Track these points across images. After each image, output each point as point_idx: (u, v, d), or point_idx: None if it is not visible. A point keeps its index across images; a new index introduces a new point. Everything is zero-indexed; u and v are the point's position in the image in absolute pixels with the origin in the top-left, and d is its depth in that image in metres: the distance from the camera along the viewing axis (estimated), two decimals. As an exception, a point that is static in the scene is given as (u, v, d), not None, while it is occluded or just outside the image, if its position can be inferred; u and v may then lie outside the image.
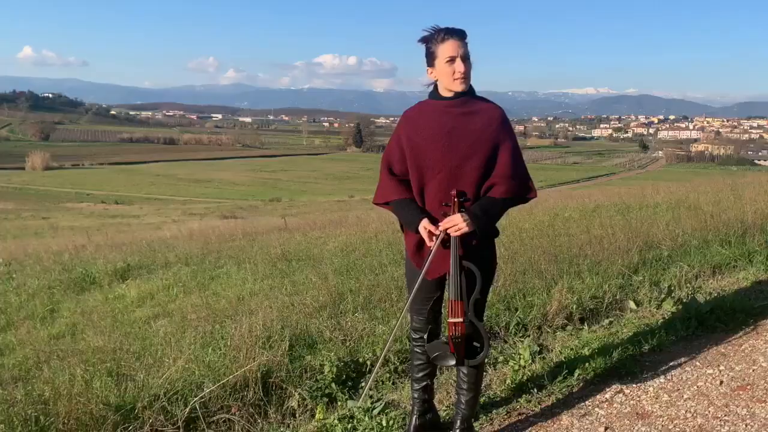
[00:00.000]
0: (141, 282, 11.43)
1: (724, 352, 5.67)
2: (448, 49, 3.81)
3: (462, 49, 3.80)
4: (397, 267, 8.31)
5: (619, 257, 8.08)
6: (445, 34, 3.82)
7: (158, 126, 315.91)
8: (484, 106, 3.93)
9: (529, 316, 6.22)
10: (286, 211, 49.23)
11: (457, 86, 3.85)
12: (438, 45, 3.84)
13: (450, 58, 3.80)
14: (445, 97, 3.92)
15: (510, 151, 3.87)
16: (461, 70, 3.80)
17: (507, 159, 3.85)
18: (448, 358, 3.97)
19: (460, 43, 3.81)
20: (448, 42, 3.81)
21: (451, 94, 3.89)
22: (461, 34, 3.83)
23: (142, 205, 79.26)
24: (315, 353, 5.39)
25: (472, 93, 3.94)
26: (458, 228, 3.76)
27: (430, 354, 4.04)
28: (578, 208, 15.74)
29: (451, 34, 3.81)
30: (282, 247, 12.51)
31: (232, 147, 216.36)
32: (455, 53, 3.79)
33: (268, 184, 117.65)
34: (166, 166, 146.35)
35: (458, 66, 3.79)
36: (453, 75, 3.82)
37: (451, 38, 3.81)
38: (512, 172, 3.85)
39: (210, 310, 7.59)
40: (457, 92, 3.87)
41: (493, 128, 3.86)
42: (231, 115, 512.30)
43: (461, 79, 3.82)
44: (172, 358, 5.09)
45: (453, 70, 3.81)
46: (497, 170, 3.85)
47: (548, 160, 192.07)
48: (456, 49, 3.80)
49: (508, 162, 3.85)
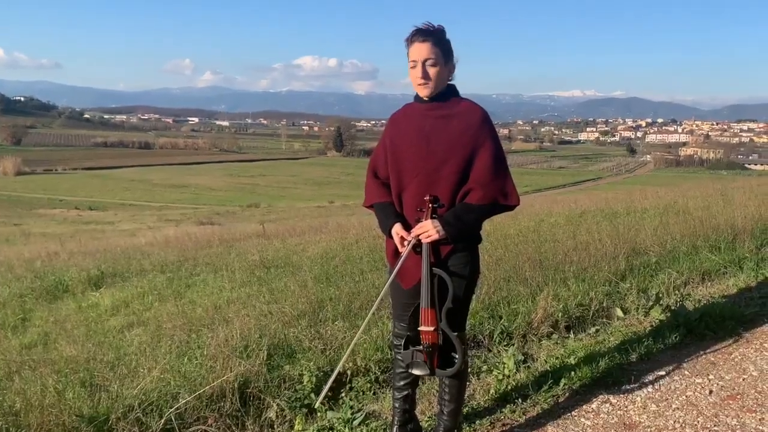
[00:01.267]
0: (115, 290, 11.39)
1: (714, 361, 5.67)
2: (412, 53, 3.76)
3: (426, 53, 3.72)
4: (379, 274, 8.31)
5: (605, 264, 8.09)
6: (413, 37, 3.76)
7: (133, 130, 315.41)
8: (464, 108, 3.86)
9: (514, 324, 6.20)
10: (265, 217, 49.10)
11: (420, 92, 3.83)
12: (408, 47, 3.79)
13: (412, 62, 3.76)
14: (424, 100, 3.87)
15: (489, 154, 3.79)
16: (418, 75, 3.74)
17: (485, 163, 3.77)
18: (421, 367, 3.94)
19: (423, 47, 3.72)
20: (413, 45, 3.75)
21: (428, 97, 3.86)
22: (427, 35, 3.74)
23: (116, 211, 79.07)
24: (294, 363, 5.36)
25: (454, 93, 3.90)
26: (428, 234, 3.72)
27: (405, 361, 4.00)
28: (564, 213, 15.81)
29: (417, 37, 3.75)
30: (260, 254, 12.51)
31: (209, 151, 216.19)
32: (416, 57, 3.73)
33: (246, 189, 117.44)
34: (142, 171, 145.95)
35: (416, 72, 3.75)
36: (415, 81, 3.79)
37: (416, 41, 3.74)
38: (489, 178, 3.77)
39: (186, 318, 7.55)
40: (424, 97, 3.84)
41: (472, 131, 3.79)
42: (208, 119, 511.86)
43: (421, 85, 3.78)
44: (147, 368, 5.06)
45: (415, 76, 3.78)
46: (473, 175, 3.78)
47: (533, 165, 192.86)
48: (418, 53, 3.73)
49: (485, 166, 3.77)
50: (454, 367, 3.89)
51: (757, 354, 5.78)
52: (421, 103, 3.89)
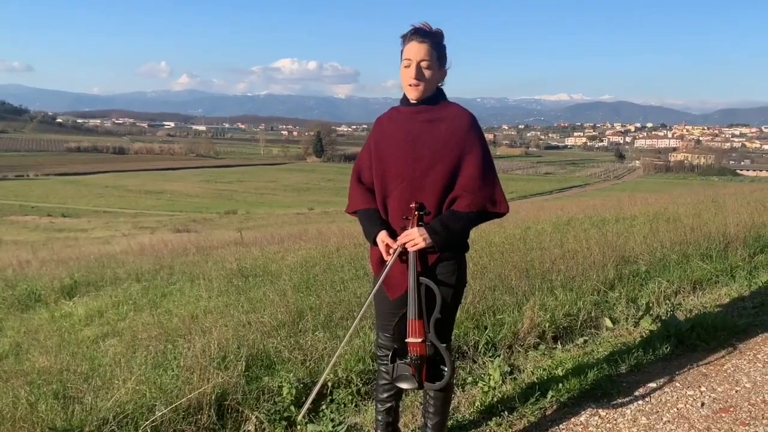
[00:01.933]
0: (89, 299, 11.32)
1: (706, 373, 5.66)
2: (407, 52, 3.71)
3: (423, 54, 3.68)
4: (361, 283, 8.28)
5: (594, 272, 8.09)
6: (411, 35, 3.72)
7: (107, 134, 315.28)
8: (452, 112, 3.81)
9: (500, 334, 6.18)
10: (243, 225, 49.12)
11: (409, 93, 3.78)
12: (403, 46, 3.75)
13: (407, 60, 3.72)
14: (411, 103, 3.83)
15: (477, 161, 3.75)
16: (411, 75, 3.70)
17: (472, 170, 3.74)
18: (409, 381, 3.87)
19: (421, 47, 3.68)
20: (409, 44, 3.71)
21: (416, 101, 3.82)
22: (426, 36, 3.70)
23: (90, 218, 78.79)
24: (273, 374, 5.32)
25: (442, 97, 3.87)
26: (414, 243, 3.68)
27: (392, 375, 3.94)
28: (551, 220, 15.84)
29: (415, 36, 3.70)
30: (238, 262, 12.45)
31: (185, 157, 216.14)
32: (412, 57, 3.69)
33: (223, 195, 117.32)
34: (116, 177, 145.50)
35: (409, 71, 3.71)
36: (407, 81, 3.75)
37: (414, 40, 3.70)
38: (478, 185, 3.73)
39: (162, 328, 7.50)
40: (412, 100, 3.81)
41: (460, 136, 3.75)
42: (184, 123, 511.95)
43: (413, 86, 3.73)
44: (122, 380, 5.02)
45: (407, 76, 3.74)
46: (461, 181, 3.74)
47: (519, 171, 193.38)
48: (414, 52, 3.69)
49: (473, 173, 3.74)
50: (444, 380, 3.83)
51: (750, 365, 5.76)
52: (407, 107, 3.85)
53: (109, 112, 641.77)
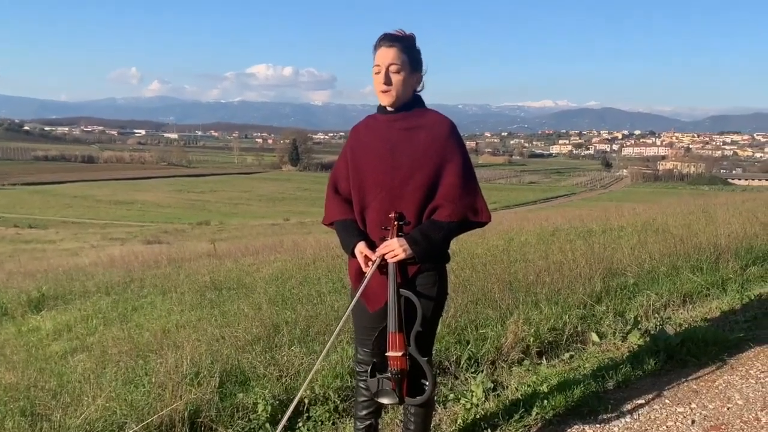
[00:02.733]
0: (57, 313, 11.27)
1: (696, 389, 5.64)
2: (377, 58, 3.74)
3: (391, 58, 3.70)
4: (338, 296, 8.28)
5: (580, 285, 8.06)
6: (380, 41, 3.74)
7: (76, 143, 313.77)
8: (430, 119, 3.82)
9: (482, 349, 6.16)
10: (216, 236, 48.88)
11: (382, 99, 3.80)
12: (374, 52, 3.77)
13: (376, 67, 3.74)
14: (388, 111, 3.84)
15: (457, 169, 3.75)
16: (381, 81, 3.73)
17: (453, 178, 3.74)
18: (389, 396, 3.85)
19: (389, 51, 3.71)
20: (379, 50, 3.74)
21: (392, 107, 3.83)
22: (394, 41, 3.72)
23: (58, 229, 78.24)
24: (248, 390, 5.31)
25: (419, 104, 3.88)
26: (395, 254, 3.67)
27: (371, 390, 3.93)
28: (535, 231, 15.85)
29: (383, 41, 3.73)
30: (211, 274, 12.44)
31: (156, 165, 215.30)
32: (380, 62, 3.71)
33: (195, 206, 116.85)
34: (85, 187, 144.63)
35: (379, 77, 3.73)
36: (378, 87, 3.77)
37: (383, 46, 3.73)
38: (458, 193, 3.74)
39: (133, 343, 7.48)
40: (386, 106, 3.82)
41: (439, 144, 3.75)
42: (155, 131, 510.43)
43: (384, 92, 3.75)
44: (92, 396, 5.00)
45: (378, 82, 3.76)
46: (441, 191, 3.74)
47: (502, 180, 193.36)
48: (383, 57, 3.71)
49: (453, 182, 3.74)
50: (425, 395, 3.83)
51: (742, 381, 5.74)
52: (384, 114, 3.86)
53: (78, 119, 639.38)
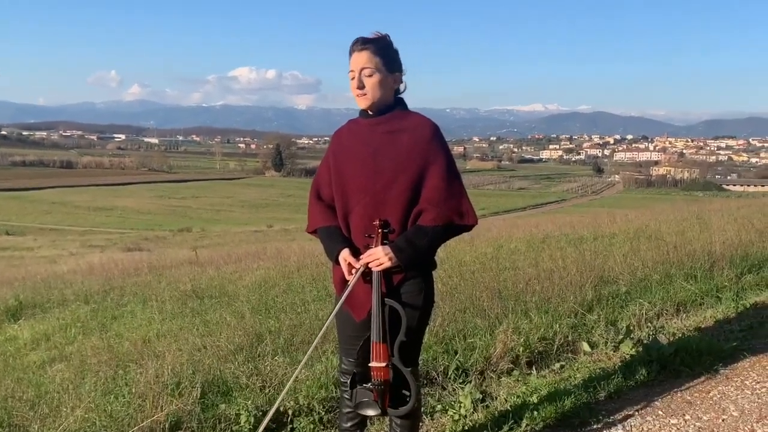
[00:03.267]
0: (35, 322, 11.26)
1: (690, 400, 5.59)
2: (350, 64, 3.78)
3: (363, 62, 3.74)
4: (323, 304, 8.28)
5: (571, 293, 8.01)
6: (352, 45, 3.79)
7: (54, 147, 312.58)
8: (412, 122, 3.84)
9: (471, 359, 6.13)
10: (198, 243, 48.86)
11: (359, 104, 3.83)
12: (349, 58, 3.81)
13: (350, 72, 3.78)
14: (370, 114, 3.87)
15: (441, 171, 3.75)
16: (354, 85, 3.76)
17: (436, 181, 3.74)
18: (372, 407, 3.85)
19: (361, 55, 3.75)
20: (352, 55, 3.78)
21: (371, 111, 3.86)
22: (366, 43, 3.76)
23: (35, 236, 77.97)
24: (230, 401, 5.30)
25: (401, 106, 3.91)
26: (379, 262, 3.67)
27: (353, 401, 3.92)
28: (525, 238, 15.87)
29: (356, 45, 3.77)
30: (193, 282, 12.42)
31: (136, 171, 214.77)
32: (354, 67, 3.76)
33: (177, 212, 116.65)
34: (63, 193, 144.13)
35: (354, 82, 3.77)
36: (354, 92, 3.80)
37: (355, 50, 3.77)
38: (443, 197, 3.74)
39: (112, 353, 7.48)
40: (364, 110, 3.86)
41: (422, 146, 3.76)
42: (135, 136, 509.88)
43: (359, 96, 3.79)
44: (70, 407, 5.00)
45: (353, 87, 3.79)
46: (425, 194, 3.73)
47: (491, 185, 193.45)
48: (355, 62, 3.76)
49: (436, 185, 3.73)
50: (407, 406, 3.81)
51: (737, 392, 5.69)
52: (366, 118, 3.88)
53: (56, 123, 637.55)
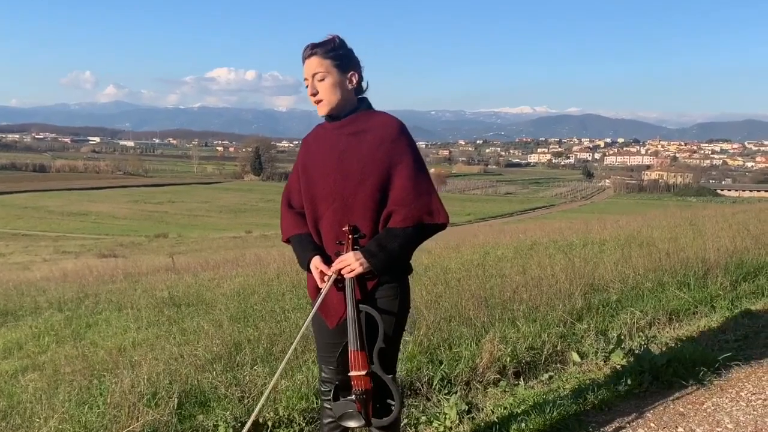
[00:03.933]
0: (7, 330, 11.22)
1: (683, 412, 5.56)
2: (304, 72, 3.79)
3: (313, 67, 3.75)
4: (303, 312, 8.27)
5: (560, 302, 7.99)
6: (303, 54, 3.80)
7: (27, 150, 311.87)
8: (377, 122, 3.84)
9: (456, 369, 6.10)
10: (174, 249, 48.75)
11: (319, 111, 3.83)
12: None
13: (305, 80, 3.80)
14: (335, 118, 3.87)
15: (408, 170, 3.74)
16: (309, 93, 3.79)
17: (403, 181, 3.72)
18: (355, 418, 3.82)
19: (310, 62, 3.76)
20: (304, 63, 3.79)
21: (333, 114, 3.86)
22: (313, 48, 3.76)
23: (7, 241, 77.59)
24: (208, 412, 5.29)
25: (366, 106, 3.91)
26: (351, 269, 3.65)
27: (336, 413, 3.90)
28: (512, 245, 15.90)
29: (305, 52, 3.78)
30: (169, 290, 12.42)
31: (111, 175, 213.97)
32: (306, 74, 3.77)
33: (153, 217, 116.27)
34: (36, 197, 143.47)
35: (309, 89, 3.80)
36: (310, 100, 3.81)
37: (305, 58, 3.78)
38: (411, 196, 3.71)
39: (87, 362, 7.45)
40: (326, 115, 3.85)
41: (387, 145, 3.76)
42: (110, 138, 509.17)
43: (316, 103, 3.80)
44: (44, 418, 4.98)
45: (309, 94, 3.81)
46: (393, 195, 3.72)
47: (477, 190, 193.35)
48: (307, 69, 3.77)
49: (403, 184, 3.72)
50: (392, 415, 3.79)
51: (732, 404, 5.66)
52: (332, 122, 3.88)
53: (29, 125, 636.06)
